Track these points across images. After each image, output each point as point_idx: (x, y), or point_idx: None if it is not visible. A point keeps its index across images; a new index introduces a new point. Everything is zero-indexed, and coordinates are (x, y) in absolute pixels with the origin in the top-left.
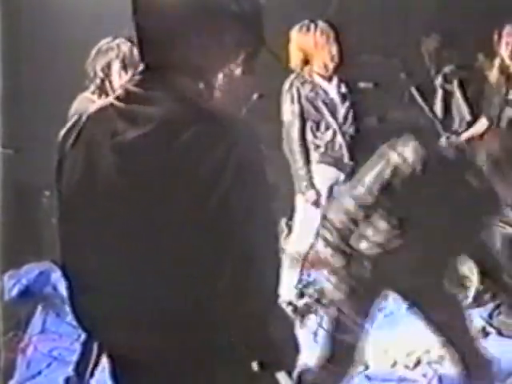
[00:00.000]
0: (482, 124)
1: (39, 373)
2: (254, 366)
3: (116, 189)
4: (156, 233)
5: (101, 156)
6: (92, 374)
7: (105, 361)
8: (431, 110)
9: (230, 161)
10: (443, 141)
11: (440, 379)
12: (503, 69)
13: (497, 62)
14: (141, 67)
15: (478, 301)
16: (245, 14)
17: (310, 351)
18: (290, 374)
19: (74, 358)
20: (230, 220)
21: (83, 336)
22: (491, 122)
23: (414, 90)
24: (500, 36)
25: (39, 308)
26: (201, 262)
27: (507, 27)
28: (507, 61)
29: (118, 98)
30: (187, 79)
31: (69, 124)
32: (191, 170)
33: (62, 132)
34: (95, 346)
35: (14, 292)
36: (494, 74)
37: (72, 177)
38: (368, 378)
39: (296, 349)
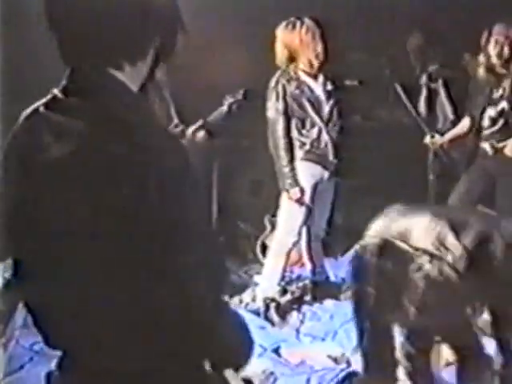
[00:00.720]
0: (465, 123)
1: (21, 367)
2: (206, 365)
3: (43, 207)
4: (90, 253)
5: (27, 172)
6: None
7: None
8: (415, 108)
9: (153, 174)
10: (427, 139)
11: None
12: (490, 68)
13: (483, 59)
14: (66, 72)
15: None
16: (165, 8)
17: (293, 348)
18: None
19: (56, 352)
20: (161, 235)
21: None
22: (473, 122)
23: (398, 88)
24: (490, 34)
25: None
26: (141, 272)
27: (497, 26)
28: (494, 60)
29: (46, 105)
30: (112, 83)
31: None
32: (116, 187)
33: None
34: None
35: None
36: (480, 73)
37: (8, 183)
38: (350, 375)
39: (248, 345)
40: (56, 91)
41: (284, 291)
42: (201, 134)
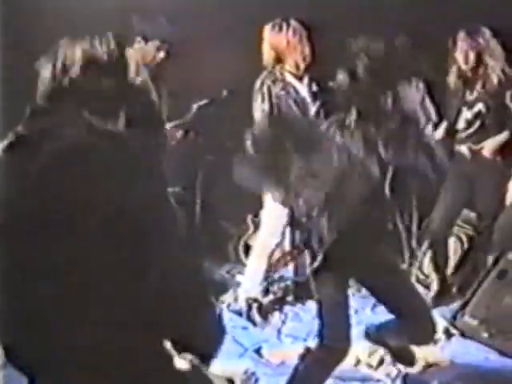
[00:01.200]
0: (442, 128)
1: (5, 365)
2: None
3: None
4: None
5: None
6: None
7: None
8: None
9: (133, 175)
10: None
11: (404, 379)
12: (460, 73)
13: (454, 67)
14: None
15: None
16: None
17: (274, 348)
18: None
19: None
20: (143, 235)
21: None
22: (449, 125)
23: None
24: (455, 41)
25: None
26: (124, 272)
27: (461, 33)
28: (463, 66)
29: (20, 134)
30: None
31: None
32: (98, 195)
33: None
34: None
35: None
36: (451, 79)
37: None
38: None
39: (220, 336)
40: (20, 128)
41: (266, 292)
42: (179, 133)
